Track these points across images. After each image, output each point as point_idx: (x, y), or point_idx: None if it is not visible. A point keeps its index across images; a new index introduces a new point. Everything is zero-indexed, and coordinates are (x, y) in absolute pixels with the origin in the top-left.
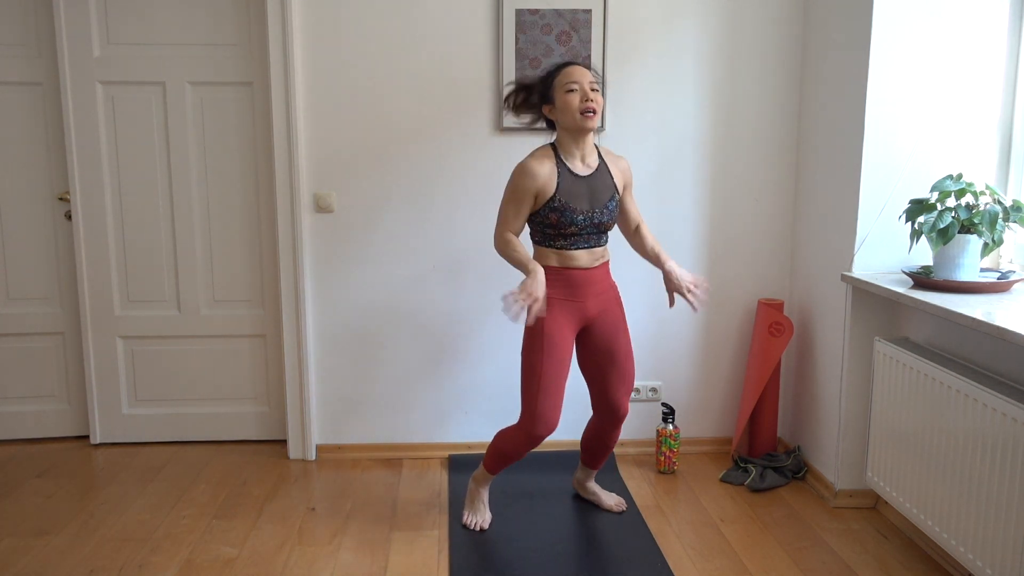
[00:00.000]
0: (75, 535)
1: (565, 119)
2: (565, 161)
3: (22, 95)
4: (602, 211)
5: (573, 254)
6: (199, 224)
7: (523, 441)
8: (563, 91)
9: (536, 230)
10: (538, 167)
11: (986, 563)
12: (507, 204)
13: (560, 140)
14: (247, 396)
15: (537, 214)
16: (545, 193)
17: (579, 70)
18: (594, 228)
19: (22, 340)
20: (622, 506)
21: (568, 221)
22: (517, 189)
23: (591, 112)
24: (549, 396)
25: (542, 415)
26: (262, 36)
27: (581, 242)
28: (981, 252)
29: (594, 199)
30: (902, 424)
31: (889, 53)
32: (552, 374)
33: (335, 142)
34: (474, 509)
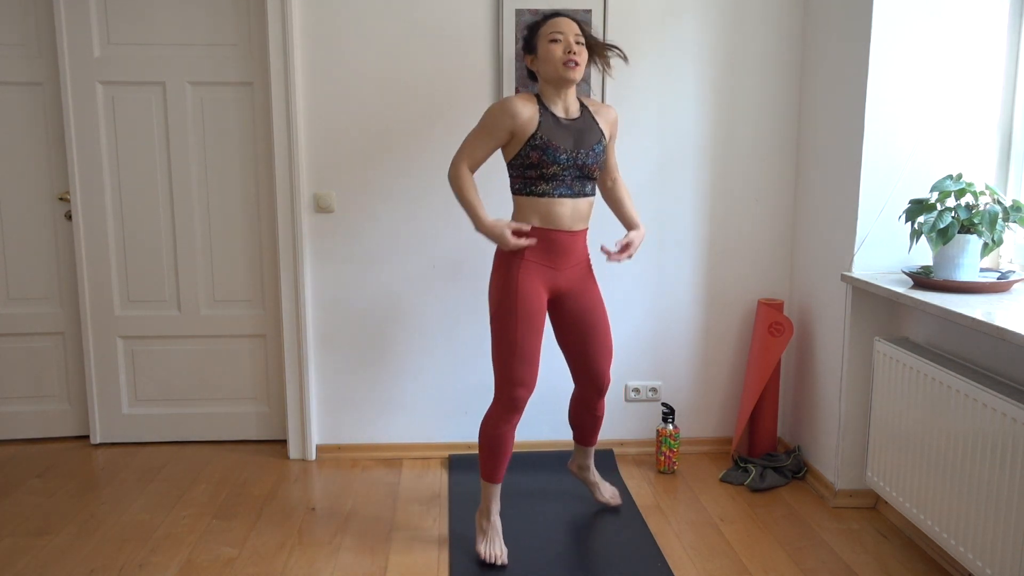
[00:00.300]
0: (75, 535)
1: (547, 69)
2: (548, 107)
3: (22, 95)
4: (587, 153)
5: (556, 208)
6: (199, 224)
7: (504, 410)
8: (546, 40)
9: (517, 176)
10: (520, 105)
11: (986, 563)
12: (474, 136)
13: (542, 91)
14: (247, 396)
15: (517, 156)
16: (525, 131)
17: (565, 21)
18: (577, 171)
19: (22, 340)
20: (617, 499)
21: (551, 159)
22: (491, 122)
23: (573, 64)
24: (526, 363)
25: (518, 377)
26: (262, 36)
27: (563, 187)
28: (981, 252)
29: (579, 140)
30: (902, 424)
31: (889, 53)
32: (528, 340)
33: (335, 142)
34: (489, 540)
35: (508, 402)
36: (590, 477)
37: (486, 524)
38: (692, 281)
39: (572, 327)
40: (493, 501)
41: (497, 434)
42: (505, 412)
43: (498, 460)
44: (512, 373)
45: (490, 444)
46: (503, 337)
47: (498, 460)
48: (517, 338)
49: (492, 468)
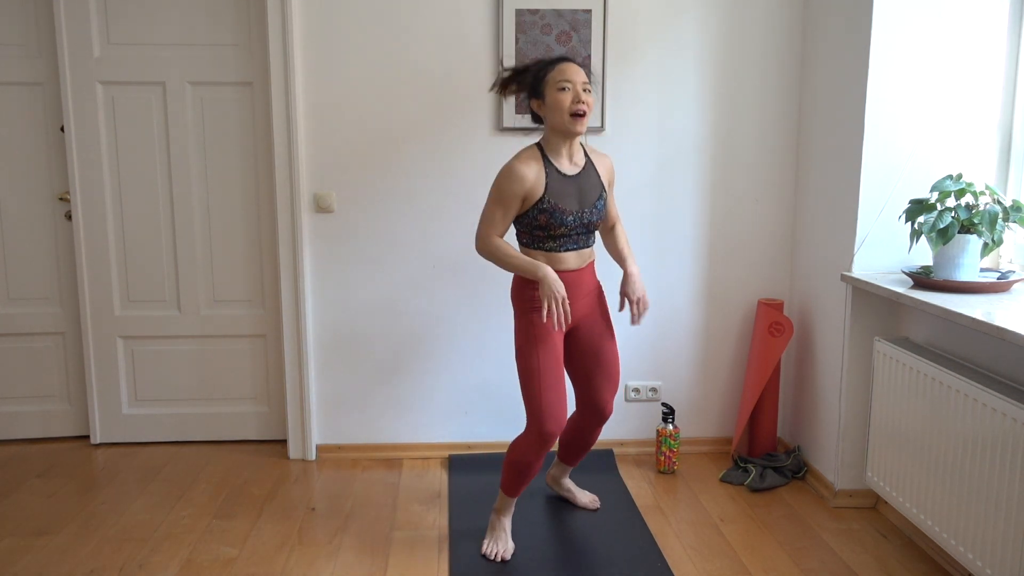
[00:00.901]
0: (75, 535)
1: (554, 119)
2: (553, 161)
3: (22, 95)
4: (591, 211)
5: (562, 257)
6: (199, 224)
7: (535, 443)
8: (555, 89)
9: (524, 232)
10: (525, 169)
11: (986, 563)
12: (493, 207)
13: (547, 139)
14: (247, 396)
15: (525, 216)
16: (534, 195)
17: (573, 68)
18: (583, 228)
19: (22, 340)
20: (596, 503)
21: (558, 222)
22: (504, 193)
23: (582, 114)
24: (552, 391)
25: (548, 411)
26: (262, 36)
27: (570, 243)
28: (981, 252)
29: (583, 199)
30: (902, 424)
31: (889, 53)
32: (551, 370)
33: (335, 142)
34: (495, 538)
35: (538, 437)
36: (565, 487)
37: (497, 523)
38: (692, 281)
39: (582, 355)
40: (510, 507)
41: (527, 462)
42: (536, 445)
43: (522, 481)
44: (541, 402)
45: (518, 469)
46: (530, 373)
47: (522, 481)
48: (540, 367)
49: (515, 486)
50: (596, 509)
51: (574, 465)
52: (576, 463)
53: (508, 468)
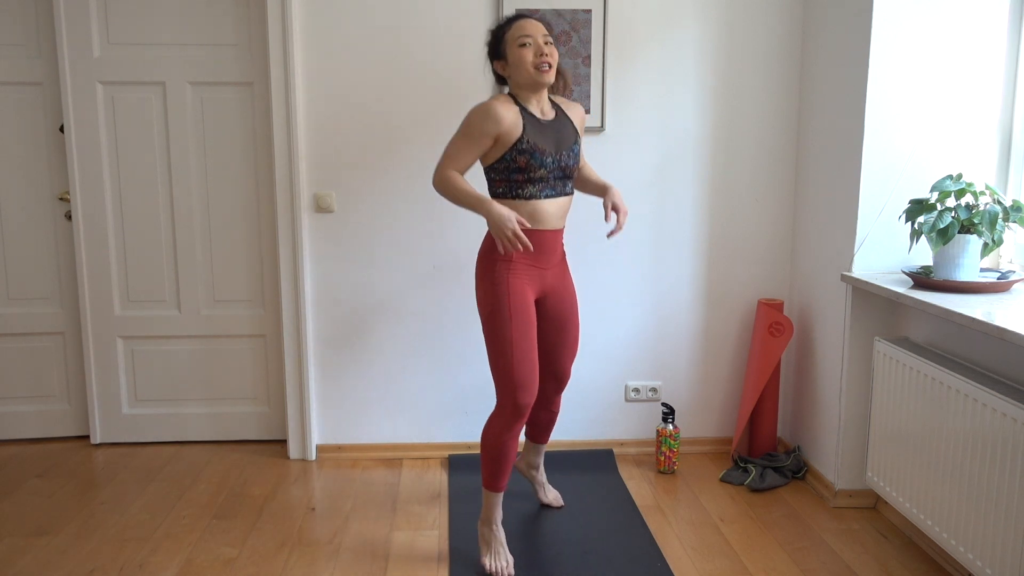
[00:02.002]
0: (75, 535)
1: (519, 75)
2: (527, 108)
3: (22, 95)
4: (568, 153)
5: (543, 208)
6: (199, 224)
7: (509, 417)
8: (515, 46)
9: (500, 180)
10: (503, 110)
11: (986, 563)
12: (458, 142)
13: (517, 94)
14: (247, 396)
15: (501, 160)
16: (511, 135)
17: (532, 23)
18: (560, 171)
19: (22, 340)
20: (559, 502)
21: (538, 163)
22: (475, 129)
23: (547, 66)
24: (525, 364)
25: (521, 380)
26: (262, 36)
27: (548, 188)
28: (981, 252)
29: (560, 142)
30: (902, 424)
31: (889, 53)
32: (524, 342)
33: (335, 142)
34: (494, 552)
35: (512, 409)
36: (537, 476)
37: (489, 534)
38: (692, 281)
39: (548, 323)
40: (495, 510)
41: (501, 443)
42: (509, 420)
43: (502, 469)
44: (514, 377)
45: (494, 453)
46: (500, 342)
47: (502, 469)
48: (514, 339)
49: (496, 477)
50: (560, 507)
51: (543, 442)
52: (545, 439)
53: (485, 455)
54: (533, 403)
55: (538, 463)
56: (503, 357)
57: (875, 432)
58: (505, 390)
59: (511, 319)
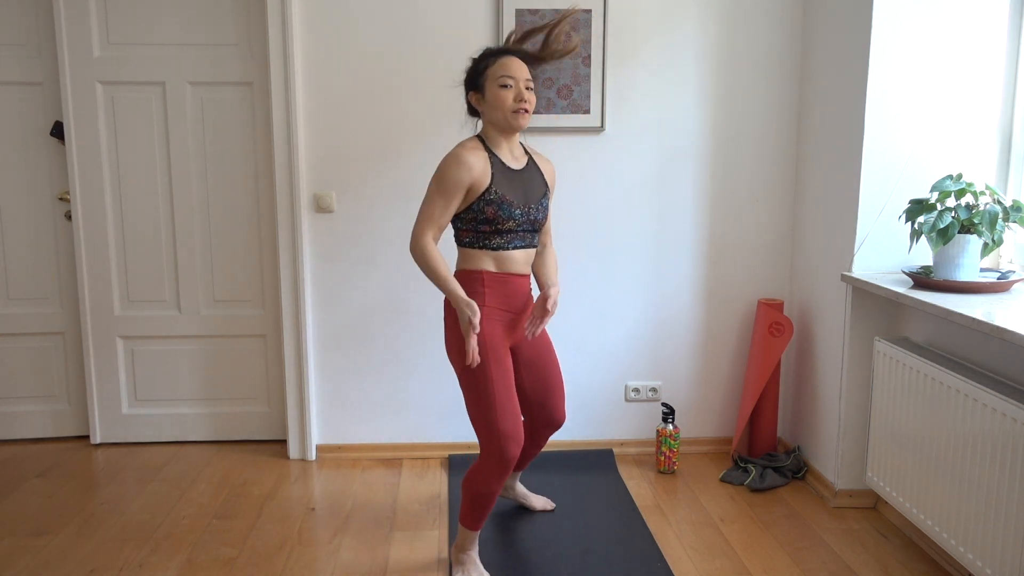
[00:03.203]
0: (75, 535)
1: (495, 115)
2: (496, 153)
3: (22, 95)
4: (536, 207)
5: (511, 256)
6: (199, 224)
7: (496, 469)
8: (495, 84)
9: (468, 230)
10: (472, 158)
11: (986, 563)
12: (434, 199)
13: (486, 133)
14: (247, 396)
15: (469, 210)
16: (479, 185)
17: (516, 64)
18: (529, 224)
19: (22, 340)
20: (550, 505)
21: (506, 215)
22: (448, 182)
23: (524, 112)
24: (508, 411)
25: (506, 432)
26: (262, 36)
27: (517, 240)
28: (981, 252)
29: (528, 194)
30: (902, 424)
31: (889, 53)
32: (503, 389)
33: (335, 142)
34: (466, 571)
35: (499, 461)
36: (520, 493)
37: (463, 556)
38: (692, 281)
39: (529, 367)
40: (472, 544)
41: (490, 492)
42: (497, 471)
43: (484, 512)
44: (499, 428)
45: (478, 499)
46: (481, 394)
47: (484, 512)
48: (495, 391)
49: (476, 519)
50: (552, 510)
51: (522, 469)
52: (524, 467)
53: (470, 502)
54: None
55: (513, 485)
56: (486, 409)
57: (875, 432)
58: (491, 443)
59: (490, 370)
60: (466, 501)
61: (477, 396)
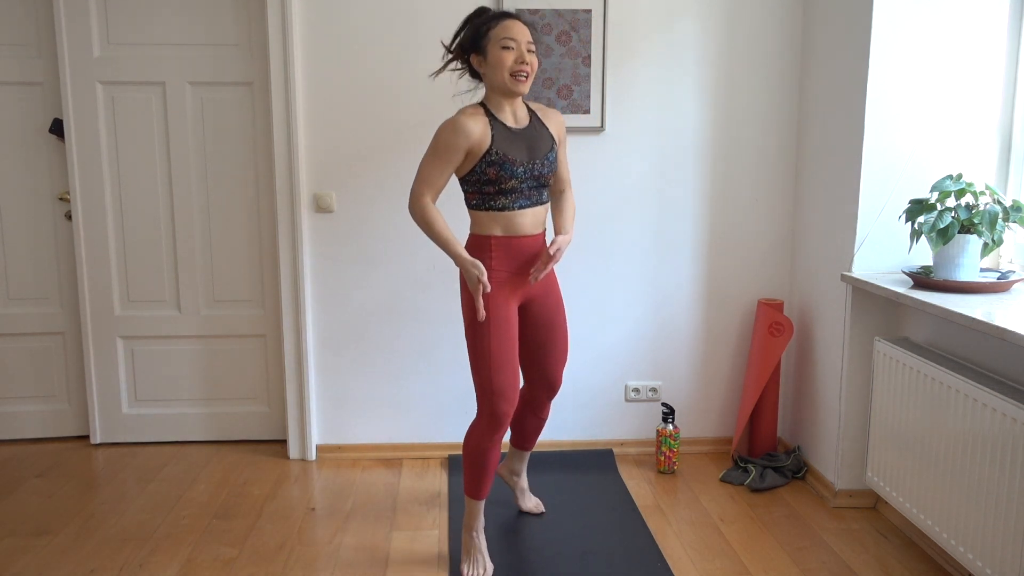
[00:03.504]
0: (75, 535)
1: (495, 77)
2: (497, 116)
3: (22, 95)
4: (542, 162)
5: (517, 219)
6: (199, 224)
7: (488, 425)
8: (498, 46)
9: (473, 192)
10: (470, 123)
11: (986, 563)
12: (430, 161)
13: (488, 97)
14: (247, 396)
15: (472, 173)
16: (479, 148)
17: (519, 26)
18: (534, 181)
19: (22, 340)
20: (540, 508)
21: (508, 174)
22: (444, 146)
23: (524, 75)
24: (504, 372)
25: (499, 388)
26: (262, 36)
27: (523, 199)
28: (981, 252)
29: (532, 150)
30: (902, 424)
31: (889, 53)
32: (503, 351)
33: (335, 142)
34: (472, 560)
35: (491, 418)
36: (519, 483)
37: (470, 541)
38: (692, 281)
39: (535, 329)
40: (477, 517)
41: (482, 449)
42: (488, 428)
43: (483, 476)
44: (492, 384)
45: (474, 460)
46: (479, 350)
47: (483, 476)
48: (492, 348)
49: (477, 484)
50: (541, 514)
51: (529, 449)
52: (530, 446)
53: (467, 462)
54: (512, 412)
55: (521, 470)
56: (482, 365)
57: (875, 432)
58: (484, 398)
59: (490, 328)
60: (465, 464)
61: (477, 353)
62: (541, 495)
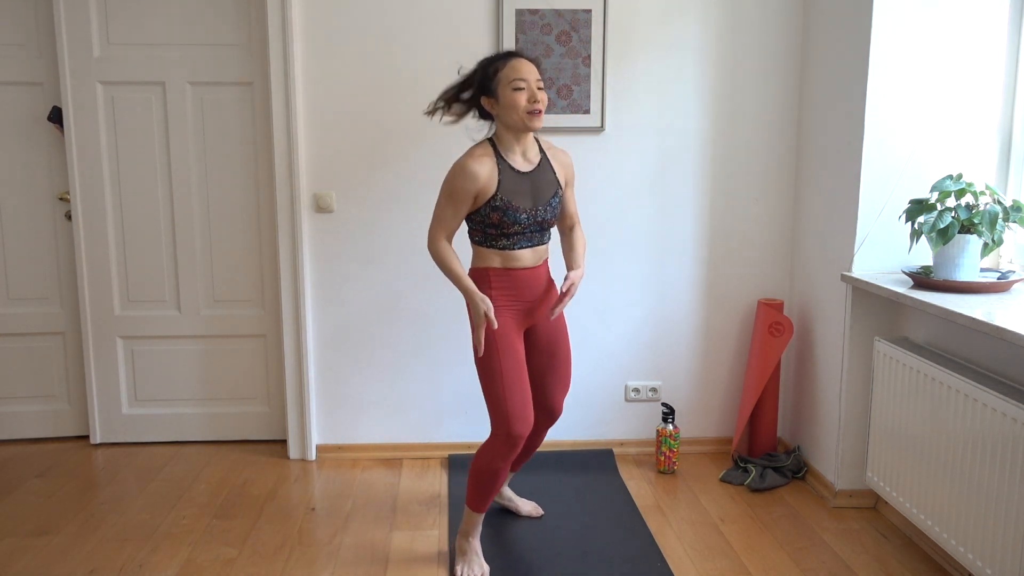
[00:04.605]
0: (75, 535)
1: (510, 118)
2: (506, 158)
3: (22, 95)
4: (545, 208)
5: (517, 255)
6: (199, 224)
7: (503, 447)
8: (508, 88)
9: (477, 230)
10: (478, 167)
11: (986, 563)
12: (444, 205)
13: (499, 136)
14: (247, 396)
15: (477, 213)
16: (486, 192)
17: (526, 66)
18: (537, 226)
19: (22, 340)
20: (539, 511)
21: (511, 220)
22: (455, 191)
23: (538, 113)
24: (516, 394)
25: (516, 412)
26: (262, 36)
27: (524, 241)
28: (981, 252)
29: (537, 196)
30: (902, 424)
31: (889, 53)
32: (513, 372)
33: (335, 142)
34: (468, 561)
35: (506, 439)
36: (506, 496)
37: (466, 545)
38: (692, 281)
39: (538, 354)
40: (477, 527)
41: (494, 470)
42: (504, 450)
43: (490, 493)
44: (507, 408)
45: (485, 478)
46: (490, 374)
47: (490, 493)
48: (503, 371)
49: (482, 500)
50: (540, 516)
51: (517, 471)
52: (519, 468)
53: (475, 478)
54: (528, 433)
55: (505, 488)
56: (495, 389)
57: (875, 432)
58: (499, 421)
59: (500, 354)
60: (472, 481)
61: (490, 379)
62: (541, 495)
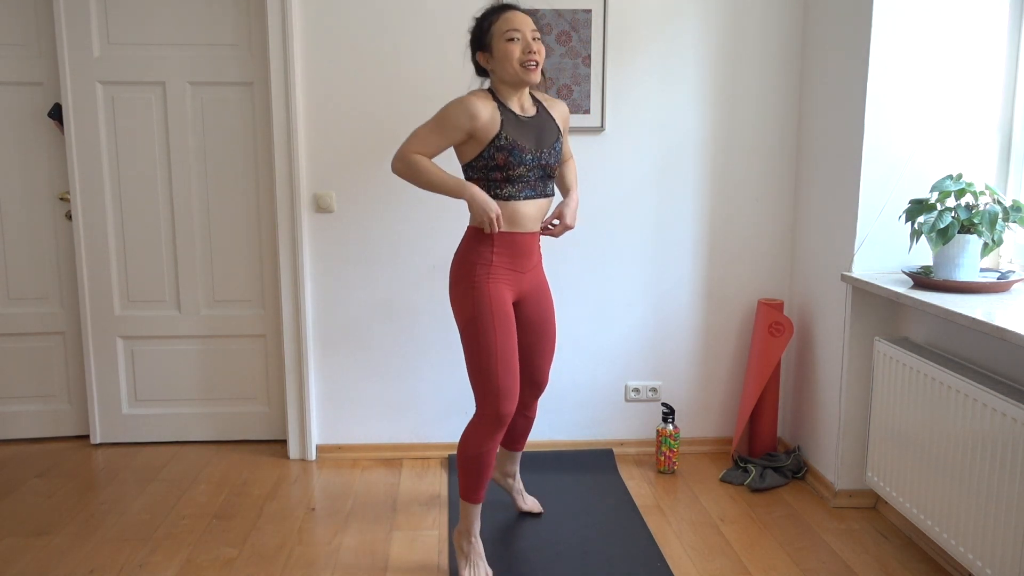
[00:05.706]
0: (75, 535)
1: (504, 71)
2: (506, 104)
3: (22, 95)
4: (549, 151)
5: (521, 210)
6: (199, 224)
7: (490, 427)
8: (502, 39)
9: (478, 179)
10: (480, 105)
11: (986, 563)
12: (430, 129)
13: (497, 88)
14: (247, 396)
15: (480, 158)
16: (488, 132)
17: (521, 17)
18: (541, 171)
19: (22, 340)
20: (538, 507)
21: (517, 160)
22: (447, 118)
23: (533, 64)
24: (508, 371)
25: (503, 388)
26: (262, 36)
27: (528, 189)
28: (981, 252)
29: (540, 139)
30: (902, 424)
31: (889, 53)
32: (508, 349)
33: (335, 142)
34: (472, 564)
35: (494, 418)
36: (514, 485)
37: (467, 546)
38: (692, 281)
39: (526, 328)
40: (474, 522)
41: (481, 452)
42: (491, 429)
43: (481, 480)
44: (497, 385)
45: (473, 464)
46: (481, 349)
47: (481, 480)
48: (496, 345)
49: (475, 488)
50: (540, 513)
51: (519, 449)
52: (521, 447)
53: (464, 466)
54: (513, 412)
55: (514, 471)
56: (485, 365)
57: (875, 432)
58: (487, 399)
59: (494, 326)
60: (461, 470)
61: (478, 353)
62: (541, 495)
